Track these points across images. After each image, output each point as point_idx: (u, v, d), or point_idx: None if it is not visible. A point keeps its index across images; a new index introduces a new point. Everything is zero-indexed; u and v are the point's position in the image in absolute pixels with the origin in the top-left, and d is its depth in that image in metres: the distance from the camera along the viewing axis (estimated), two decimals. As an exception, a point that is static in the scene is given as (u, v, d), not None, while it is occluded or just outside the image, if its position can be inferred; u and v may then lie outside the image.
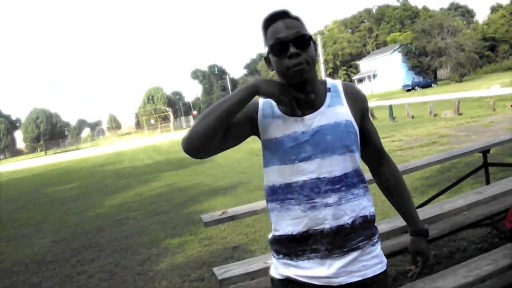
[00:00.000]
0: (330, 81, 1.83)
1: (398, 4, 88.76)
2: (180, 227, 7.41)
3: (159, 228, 7.61)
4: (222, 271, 2.81)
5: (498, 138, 5.22)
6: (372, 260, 1.74)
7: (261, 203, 3.82)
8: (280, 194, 1.73)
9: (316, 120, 1.71)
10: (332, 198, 1.67)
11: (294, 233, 1.70)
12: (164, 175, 15.97)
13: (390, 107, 22.96)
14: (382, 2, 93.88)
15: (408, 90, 56.28)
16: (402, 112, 24.02)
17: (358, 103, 1.81)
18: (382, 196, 2.00)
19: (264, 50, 1.78)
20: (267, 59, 1.80)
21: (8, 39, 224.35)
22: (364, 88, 72.13)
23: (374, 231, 1.78)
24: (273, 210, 1.77)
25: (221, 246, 5.93)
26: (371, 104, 33.38)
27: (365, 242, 1.72)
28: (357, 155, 1.76)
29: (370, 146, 1.89)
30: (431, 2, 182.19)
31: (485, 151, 4.82)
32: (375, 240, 1.77)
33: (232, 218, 3.42)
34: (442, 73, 65.75)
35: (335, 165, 1.68)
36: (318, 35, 72.38)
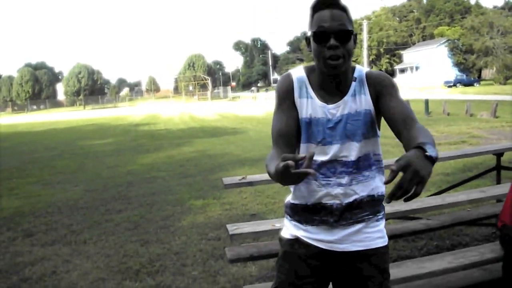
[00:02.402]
0: (358, 69, 1.93)
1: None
2: (205, 191, 7.82)
3: (184, 190, 8.05)
4: (234, 228, 3.18)
5: (513, 143, 5.41)
6: (375, 234, 1.96)
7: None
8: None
9: (340, 109, 1.88)
10: (345, 179, 1.89)
11: (309, 203, 1.94)
12: (196, 141, 16.42)
13: (426, 101, 22.82)
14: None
15: (450, 87, 55.36)
16: (439, 107, 23.84)
17: (377, 87, 1.88)
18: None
19: (307, 30, 1.87)
20: (307, 39, 1.89)
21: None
22: (405, 79, 71.09)
23: (380, 208, 1.99)
24: None
25: (240, 212, 6.31)
26: (410, 96, 33.07)
27: (370, 216, 1.94)
28: (374, 140, 1.93)
29: (398, 120, 1.78)
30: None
31: (498, 154, 5.03)
32: (380, 217, 1.98)
33: (250, 183, 3.75)
34: (486, 73, 64.29)
35: (351, 151, 1.89)
36: (365, 20, 71.38)
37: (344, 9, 1.80)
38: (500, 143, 11.85)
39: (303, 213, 1.96)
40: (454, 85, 56.03)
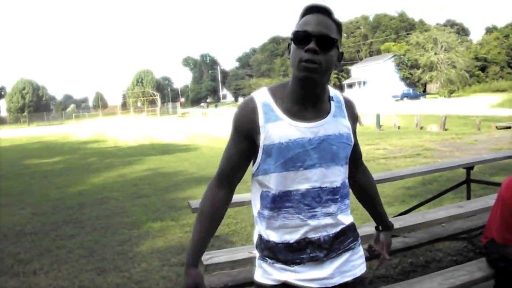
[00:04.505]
0: (332, 90, 1.85)
1: (395, 14, 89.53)
2: (162, 212, 7.45)
3: (140, 211, 7.64)
4: (208, 257, 2.88)
5: (483, 156, 5.37)
6: (359, 260, 1.84)
7: (248, 195, 3.89)
8: (278, 202, 1.72)
9: (322, 128, 1.71)
10: (332, 208, 1.73)
11: (291, 241, 1.72)
12: (147, 159, 15.95)
13: (378, 116, 23.20)
14: (379, 11, 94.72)
15: (397, 101, 56.87)
16: (389, 121, 24.30)
17: (353, 116, 1.86)
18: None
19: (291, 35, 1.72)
20: (289, 45, 1.75)
21: (2, 8, 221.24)
22: (353, 94, 72.62)
23: (357, 232, 1.88)
24: (269, 218, 1.75)
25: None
26: (360, 110, 33.67)
27: (355, 242, 1.83)
28: (347, 166, 1.83)
29: (352, 154, 1.88)
30: (428, 16, 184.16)
31: (469, 168, 4.95)
32: (359, 241, 1.87)
33: (220, 206, 3.47)
34: (431, 87, 66.53)
35: (336, 176, 1.74)
36: (314, 37, 72.72)
37: (336, 22, 1.69)
38: (453, 155, 12.09)
39: (287, 253, 1.73)
40: (401, 99, 57.59)
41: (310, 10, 1.68)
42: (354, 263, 1.81)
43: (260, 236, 1.80)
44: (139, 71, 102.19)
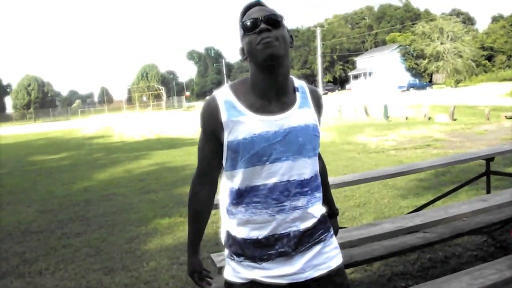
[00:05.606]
0: (296, 81, 1.81)
1: (400, 4, 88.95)
2: (170, 208, 7.29)
3: (148, 207, 7.48)
4: (220, 259, 2.72)
5: (503, 146, 5.15)
6: (334, 252, 1.81)
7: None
8: (245, 197, 1.69)
9: (287, 120, 1.68)
10: (300, 202, 1.69)
11: (260, 237, 1.69)
12: (154, 154, 15.77)
13: (385, 106, 22.92)
14: (384, 1, 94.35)
15: (403, 91, 56.44)
16: (396, 112, 24.04)
17: (319, 107, 1.83)
18: (376, 194, 2.05)
19: (239, 39, 1.79)
20: (242, 50, 1.77)
21: (6, 5, 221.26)
22: (359, 85, 72.39)
23: (329, 224, 1.85)
24: (237, 213, 1.72)
25: (211, 231, 5.81)
26: (366, 101, 33.36)
27: (325, 234, 1.79)
28: (317, 158, 1.78)
29: None
30: (433, 6, 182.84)
31: (488, 159, 4.74)
32: (331, 232, 1.85)
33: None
34: (437, 77, 65.99)
35: (304, 168, 1.70)
36: (318, 28, 72.26)
37: (272, 9, 1.74)
38: (464, 145, 11.87)
39: (255, 249, 1.71)
40: (407, 89, 57.18)
41: (248, 7, 1.75)
42: (328, 255, 1.78)
43: (227, 233, 1.78)
44: (144, 65, 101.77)
